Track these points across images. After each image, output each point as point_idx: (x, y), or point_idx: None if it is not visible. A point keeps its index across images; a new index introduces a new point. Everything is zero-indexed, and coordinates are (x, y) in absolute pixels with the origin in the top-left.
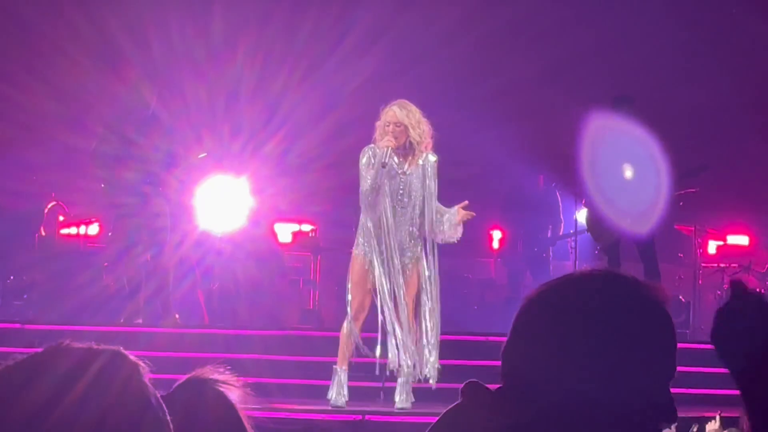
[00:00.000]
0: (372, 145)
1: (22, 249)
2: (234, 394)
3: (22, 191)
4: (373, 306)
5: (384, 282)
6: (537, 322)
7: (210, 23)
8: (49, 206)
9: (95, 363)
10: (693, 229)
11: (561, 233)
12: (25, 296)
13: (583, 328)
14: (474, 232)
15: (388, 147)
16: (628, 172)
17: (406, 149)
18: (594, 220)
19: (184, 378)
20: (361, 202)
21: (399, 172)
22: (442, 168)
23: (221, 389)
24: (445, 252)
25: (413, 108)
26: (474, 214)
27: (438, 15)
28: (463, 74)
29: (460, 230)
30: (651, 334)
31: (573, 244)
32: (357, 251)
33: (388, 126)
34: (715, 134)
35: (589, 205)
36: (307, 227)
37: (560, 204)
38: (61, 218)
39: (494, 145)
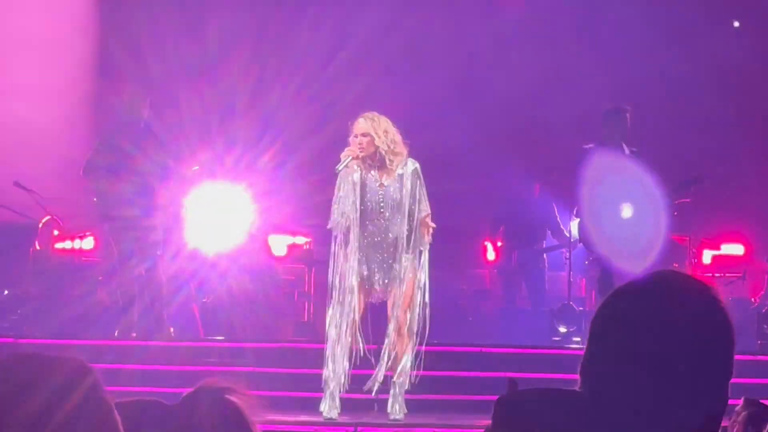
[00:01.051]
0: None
1: (16, 263)
2: (247, 404)
3: (16, 205)
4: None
5: (360, 297)
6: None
7: (205, 37)
8: (44, 220)
9: (55, 372)
10: (687, 238)
11: (556, 243)
12: (18, 311)
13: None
14: (469, 243)
15: (348, 156)
16: (627, 211)
17: (380, 162)
18: (587, 230)
19: (193, 388)
20: (331, 220)
21: (376, 186)
22: (437, 180)
23: (232, 399)
24: (440, 263)
25: (380, 118)
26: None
27: (433, 26)
28: (457, 85)
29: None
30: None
31: (567, 254)
32: (346, 268)
33: (355, 138)
34: (709, 142)
35: (582, 215)
36: (301, 240)
37: (557, 214)
38: (55, 232)
39: (489, 156)
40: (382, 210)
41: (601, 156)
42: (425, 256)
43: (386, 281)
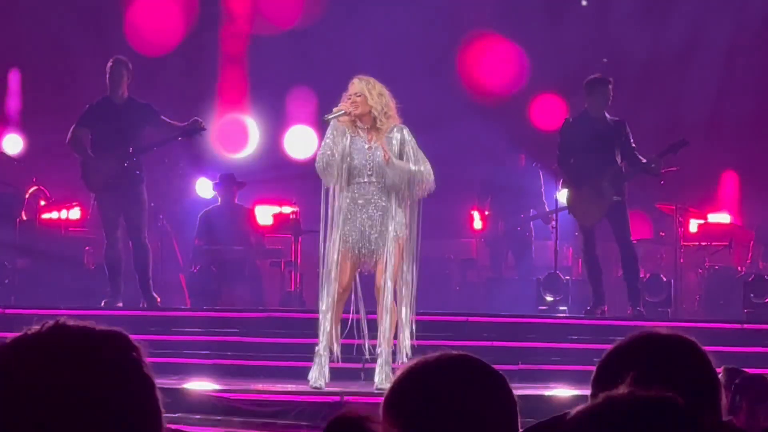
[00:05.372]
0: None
1: (3, 234)
2: None
3: (3, 176)
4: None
5: (348, 265)
6: None
7: (191, 3)
8: (30, 191)
9: (99, 345)
10: (674, 207)
11: (543, 211)
12: (6, 281)
13: None
14: (456, 212)
15: (340, 110)
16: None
17: (371, 124)
18: (576, 199)
19: (332, 418)
20: (317, 166)
21: (365, 147)
22: (424, 149)
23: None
24: (427, 232)
25: (375, 81)
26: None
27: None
28: (443, 54)
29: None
30: None
31: (554, 223)
32: (334, 234)
33: (349, 98)
34: (695, 111)
35: (571, 185)
36: (287, 209)
37: (542, 183)
38: (42, 203)
39: (475, 125)
40: (369, 173)
41: (584, 126)
42: (414, 221)
43: (373, 249)
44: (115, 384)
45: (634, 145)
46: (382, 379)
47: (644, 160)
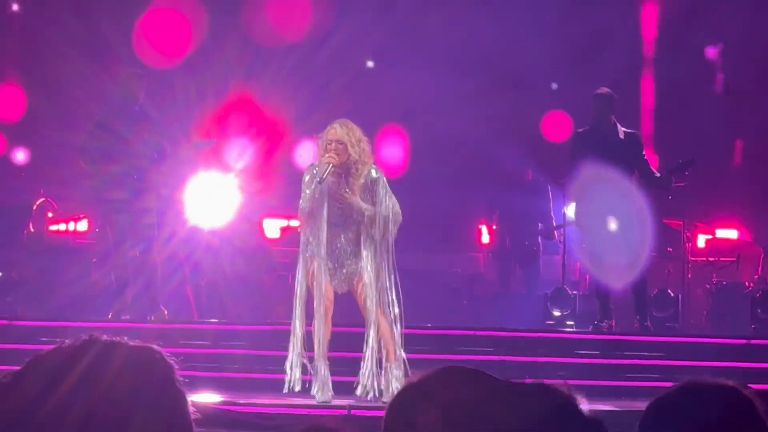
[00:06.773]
0: (315, 162)
1: (11, 245)
2: None
3: (11, 187)
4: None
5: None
6: None
7: (199, 18)
8: (38, 203)
9: (132, 358)
10: (682, 223)
11: (545, 228)
12: (13, 293)
13: None
14: (463, 226)
15: (329, 164)
16: (613, 225)
17: (347, 168)
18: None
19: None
20: (299, 216)
21: (338, 190)
22: (434, 164)
23: None
24: (435, 247)
25: (354, 126)
26: None
27: (432, 9)
28: (453, 69)
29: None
30: None
31: (561, 238)
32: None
33: (330, 144)
34: (703, 128)
35: (578, 199)
36: (295, 223)
37: (550, 198)
38: (49, 215)
39: (483, 140)
40: (344, 215)
41: (594, 138)
42: (389, 256)
43: (345, 278)
44: (148, 398)
45: (646, 157)
46: (390, 392)
47: (657, 174)
